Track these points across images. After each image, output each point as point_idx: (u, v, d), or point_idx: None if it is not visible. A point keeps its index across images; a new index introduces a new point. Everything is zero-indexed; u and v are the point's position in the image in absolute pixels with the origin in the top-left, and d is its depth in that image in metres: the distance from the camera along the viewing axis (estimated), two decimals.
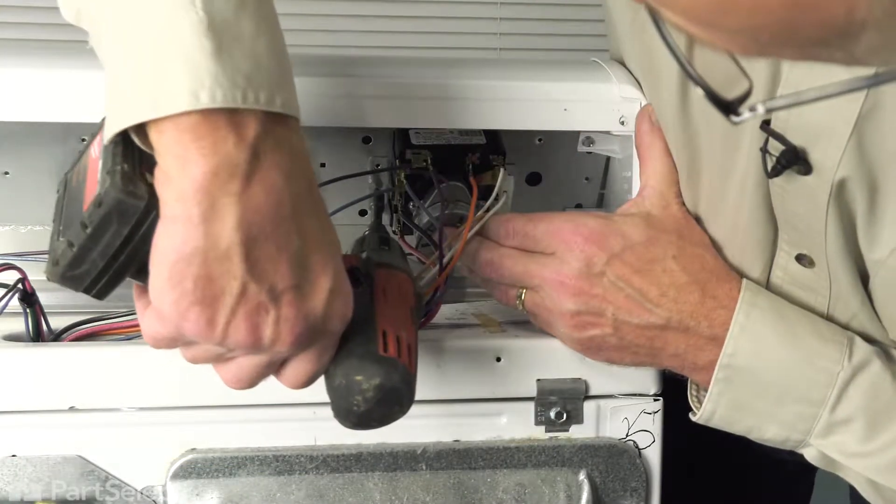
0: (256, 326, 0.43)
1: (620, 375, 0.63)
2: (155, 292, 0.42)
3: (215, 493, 0.59)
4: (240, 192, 0.41)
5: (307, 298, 0.44)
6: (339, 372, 0.49)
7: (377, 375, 0.48)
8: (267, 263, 0.42)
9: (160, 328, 0.44)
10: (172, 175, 0.40)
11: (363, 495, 0.61)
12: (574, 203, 0.77)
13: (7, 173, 0.68)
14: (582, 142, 0.68)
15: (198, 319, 0.42)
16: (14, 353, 0.58)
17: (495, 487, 0.62)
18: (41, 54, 0.65)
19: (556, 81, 0.65)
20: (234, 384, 0.48)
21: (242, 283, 0.42)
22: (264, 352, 0.45)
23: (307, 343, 0.46)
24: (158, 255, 0.42)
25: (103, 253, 0.43)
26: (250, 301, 0.42)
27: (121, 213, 0.42)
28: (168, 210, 0.41)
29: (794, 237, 0.57)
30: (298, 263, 0.44)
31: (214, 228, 0.41)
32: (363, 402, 0.48)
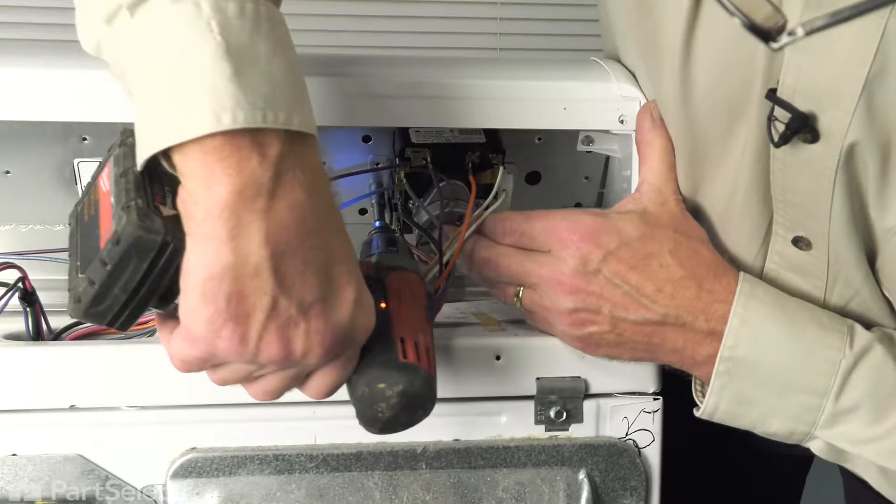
0: (288, 340, 0.45)
1: (620, 374, 0.63)
2: (187, 312, 0.43)
3: (215, 492, 0.60)
4: (265, 209, 0.42)
5: (334, 310, 0.46)
6: (362, 381, 0.50)
7: (399, 382, 0.50)
8: (295, 277, 0.44)
9: (191, 350, 0.45)
10: (199, 196, 0.42)
11: (363, 494, 0.61)
12: (573, 202, 0.77)
13: (8, 172, 0.68)
14: (581, 141, 0.68)
15: (231, 336, 0.43)
16: (14, 352, 0.58)
17: (495, 487, 0.62)
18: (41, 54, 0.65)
19: (555, 80, 0.65)
20: (262, 398, 0.49)
21: (273, 297, 0.43)
22: (294, 365, 0.47)
23: (335, 354, 0.47)
24: (189, 275, 0.43)
25: (124, 288, 0.44)
26: (281, 315, 0.44)
27: (139, 248, 0.43)
28: (196, 229, 0.42)
29: (791, 218, 0.56)
30: (324, 276, 0.45)
31: (243, 245, 0.42)
32: (387, 409, 0.50)
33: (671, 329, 0.57)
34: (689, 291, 0.57)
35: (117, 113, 0.59)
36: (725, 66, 0.55)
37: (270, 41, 0.44)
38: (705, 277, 0.58)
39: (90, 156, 0.66)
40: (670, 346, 0.58)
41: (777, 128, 0.52)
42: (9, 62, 0.60)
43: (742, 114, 0.55)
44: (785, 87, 0.51)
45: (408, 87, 0.62)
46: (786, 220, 0.57)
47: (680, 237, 0.59)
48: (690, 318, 0.57)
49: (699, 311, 0.57)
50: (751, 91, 0.54)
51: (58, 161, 0.67)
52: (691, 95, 0.58)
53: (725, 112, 0.56)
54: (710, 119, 0.58)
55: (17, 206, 0.69)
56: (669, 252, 0.58)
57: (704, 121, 0.58)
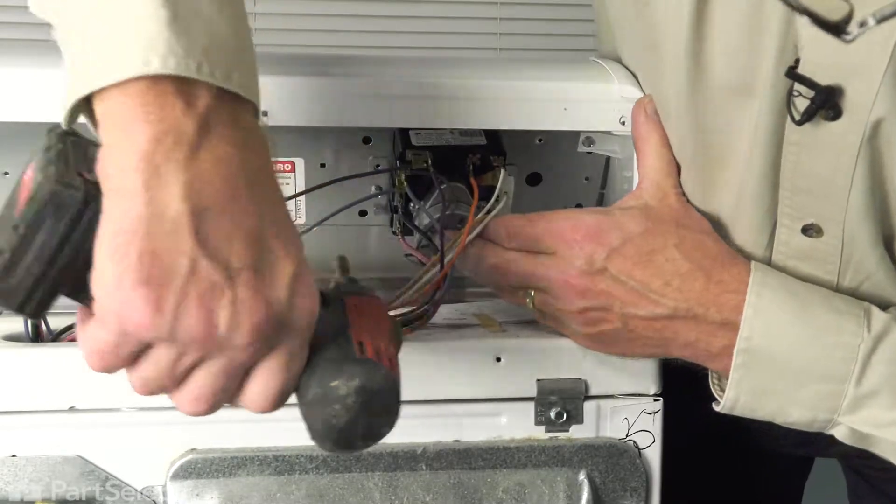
0: (210, 312, 0.38)
1: (621, 376, 0.63)
2: (97, 278, 0.38)
3: (215, 493, 0.59)
4: (186, 159, 0.38)
5: (267, 283, 0.40)
6: (313, 381, 0.43)
7: (356, 376, 0.42)
8: (220, 240, 0.39)
9: (102, 332, 0.39)
10: (114, 145, 0.38)
11: (363, 495, 0.61)
12: (574, 203, 0.77)
13: (7, 173, 0.68)
14: (582, 142, 0.68)
15: (144, 302, 0.37)
16: (14, 353, 0.58)
17: (495, 487, 0.62)
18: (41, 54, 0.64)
19: (556, 81, 0.65)
20: (193, 407, 0.42)
21: (192, 259, 0.38)
22: (221, 348, 0.40)
23: (270, 338, 0.41)
24: (100, 234, 0.38)
25: (38, 256, 0.39)
26: (202, 280, 0.38)
27: (56, 205, 0.38)
28: (110, 183, 0.38)
29: (800, 206, 0.56)
30: (256, 244, 0.40)
31: (159, 196, 0.37)
32: (343, 412, 0.42)
33: (682, 322, 0.57)
34: (698, 283, 0.57)
35: None
36: (735, 50, 0.54)
37: (217, 5, 0.41)
38: (713, 268, 0.57)
39: None
40: (683, 339, 0.57)
41: (797, 106, 0.51)
42: (9, 62, 0.60)
43: (751, 98, 0.55)
44: (806, 62, 0.50)
45: (408, 88, 0.62)
46: (793, 209, 0.56)
47: (683, 230, 0.59)
48: (702, 311, 0.56)
49: (710, 302, 0.56)
50: (759, 73, 0.54)
51: None
52: (699, 84, 0.57)
53: (734, 98, 0.56)
54: (718, 107, 0.57)
55: None
56: (674, 245, 0.58)
57: (712, 109, 0.58)
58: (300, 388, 0.43)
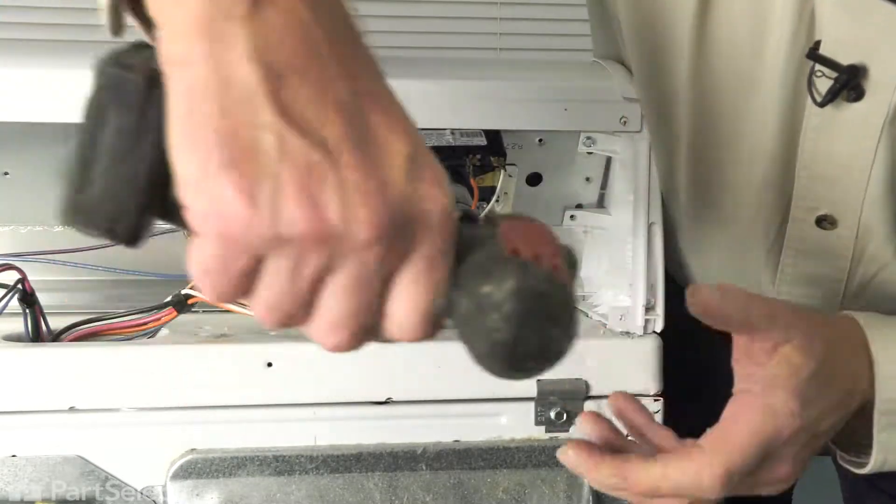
0: (314, 199, 0.31)
1: (621, 376, 0.63)
2: (178, 177, 0.32)
3: (215, 493, 0.59)
4: (247, 14, 0.31)
5: (377, 163, 0.32)
6: (462, 294, 0.35)
7: (509, 276, 0.35)
8: (307, 109, 0.32)
9: (203, 248, 0.32)
10: (167, 14, 0.32)
11: (363, 495, 0.61)
12: (575, 203, 0.76)
13: (7, 173, 0.67)
14: (583, 142, 0.68)
15: (235, 190, 0.31)
16: (14, 353, 0.58)
17: (495, 487, 0.62)
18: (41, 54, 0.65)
19: (556, 81, 0.65)
20: (333, 335, 0.35)
21: (277, 133, 0.31)
22: (342, 249, 0.32)
23: (399, 236, 0.33)
24: (170, 123, 0.32)
25: (111, 153, 0.33)
26: (295, 159, 0.31)
27: (116, 90, 0.33)
28: (167, 58, 0.32)
29: (816, 194, 0.55)
30: (353, 114, 0.33)
31: (223, 59, 0.31)
32: (502, 322, 0.34)
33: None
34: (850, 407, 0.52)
35: None
36: (742, 36, 0.54)
37: None
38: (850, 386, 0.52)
39: None
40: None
41: (818, 87, 0.51)
42: (9, 62, 0.60)
43: (759, 84, 0.54)
44: (828, 42, 0.50)
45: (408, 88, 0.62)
46: (807, 199, 0.55)
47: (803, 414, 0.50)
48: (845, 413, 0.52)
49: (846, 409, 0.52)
50: (768, 58, 0.53)
51: (57, 162, 0.67)
52: (703, 71, 0.56)
53: (740, 84, 0.55)
54: (723, 95, 0.56)
55: (16, 208, 0.69)
56: (821, 413, 0.51)
57: (717, 98, 0.57)
58: (450, 306, 0.36)
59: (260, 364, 0.59)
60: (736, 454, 0.47)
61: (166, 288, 0.63)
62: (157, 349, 0.59)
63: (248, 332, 0.64)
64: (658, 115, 0.65)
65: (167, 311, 0.61)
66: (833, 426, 0.51)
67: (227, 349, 0.60)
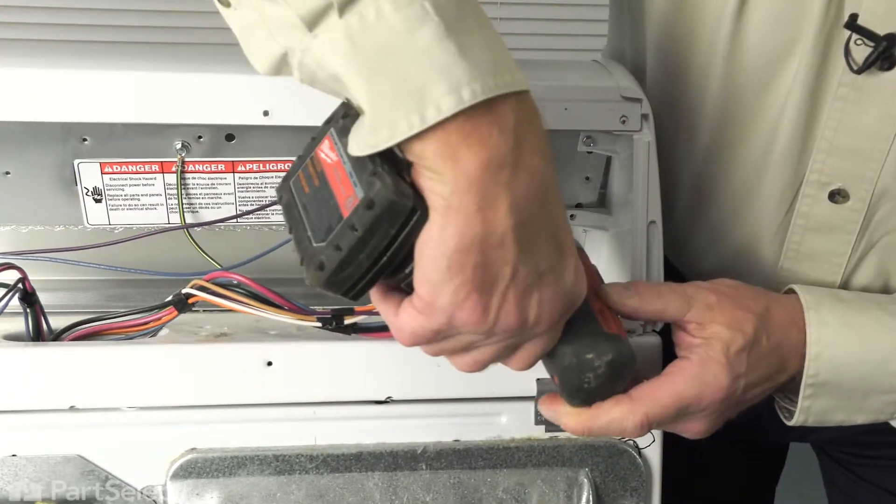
0: (523, 310, 0.45)
1: None
2: (429, 284, 0.43)
3: (215, 493, 0.59)
4: (509, 180, 0.42)
5: (561, 277, 0.46)
6: (569, 351, 0.51)
7: (609, 352, 0.51)
8: (532, 245, 0.44)
9: (426, 322, 0.45)
10: (444, 173, 0.41)
11: (363, 495, 0.61)
12: (575, 202, 0.76)
13: (7, 173, 0.68)
14: (582, 141, 0.68)
15: (475, 307, 0.44)
16: (14, 353, 0.58)
17: (495, 487, 0.62)
18: (41, 54, 0.65)
19: (556, 81, 0.65)
20: (470, 368, 0.50)
21: (514, 266, 0.43)
22: (521, 335, 0.47)
23: (559, 322, 0.48)
24: (436, 247, 0.43)
25: (370, 254, 0.44)
26: (520, 284, 0.44)
27: (392, 213, 0.43)
28: (443, 203, 0.42)
29: (833, 168, 0.58)
30: (555, 243, 0.45)
31: (490, 216, 0.42)
32: (594, 379, 0.52)
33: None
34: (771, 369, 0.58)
35: (117, 114, 0.60)
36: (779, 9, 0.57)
37: (472, 6, 0.44)
38: (785, 358, 0.58)
39: (90, 156, 0.66)
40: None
41: (854, 57, 0.54)
42: (9, 62, 0.60)
43: (790, 57, 0.57)
44: (866, 12, 0.53)
45: None
46: (822, 173, 0.58)
47: (737, 370, 0.57)
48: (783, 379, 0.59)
49: (783, 373, 0.58)
50: (802, 31, 0.56)
51: (58, 162, 0.67)
52: (737, 46, 0.59)
53: (772, 58, 0.58)
54: (755, 68, 0.59)
55: (17, 207, 0.69)
56: (747, 386, 0.57)
57: (748, 71, 0.59)
58: (555, 354, 0.51)
59: (260, 363, 0.59)
60: (657, 408, 0.54)
61: (166, 287, 0.63)
62: (157, 349, 0.59)
63: (248, 331, 0.64)
64: (680, 91, 0.67)
65: (168, 310, 0.61)
66: (757, 396, 0.58)
67: (227, 349, 0.60)
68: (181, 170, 0.66)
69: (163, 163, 0.66)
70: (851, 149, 0.57)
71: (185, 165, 0.66)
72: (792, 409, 0.61)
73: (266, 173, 0.68)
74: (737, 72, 0.61)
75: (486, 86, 0.41)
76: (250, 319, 0.62)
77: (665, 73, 0.68)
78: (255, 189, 0.68)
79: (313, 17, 0.41)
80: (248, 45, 0.45)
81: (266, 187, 0.68)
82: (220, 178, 0.68)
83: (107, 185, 0.67)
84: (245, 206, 0.69)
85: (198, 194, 0.68)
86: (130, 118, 0.60)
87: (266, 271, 0.64)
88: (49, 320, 0.64)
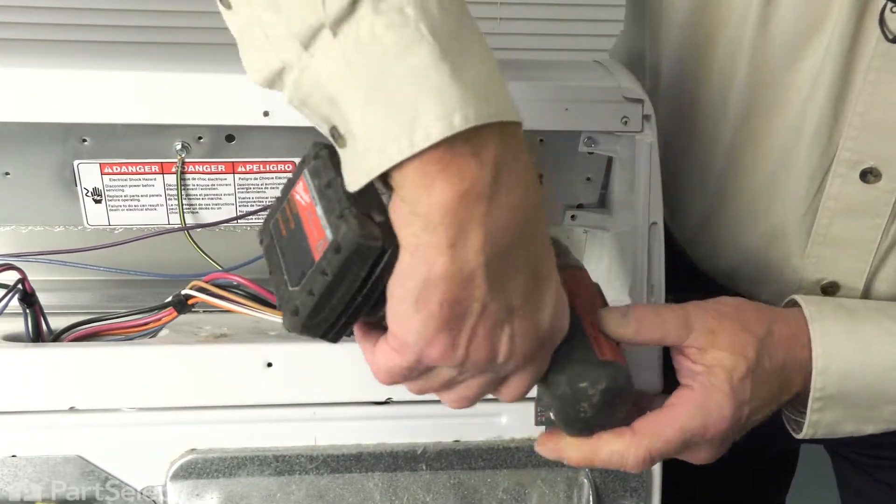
0: (493, 345, 0.44)
1: None
2: (398, 320, 0.43)
3: (215, 493, 0.59)
4: (485, 213, 0.40)
5: (537, 311, 0.45)
6: (562, 381, 0.50)
7: (603, 380, 0.49)
8: (505, 281, 0.42)
9: (399, 359, 0.44)
10: (418, 205, 0.40)
11: (363, 495, 0.61)
12: (576, 203, 0.76)
13: (7, 174, 0.67)
14: (583, 142, 0.68)
15: (443, 342, 0.43)
16: (14, 353, 0.58)
17: (495, 487, 0.62)
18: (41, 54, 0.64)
19: (557, 81, 0.65)
20: (459, 405, 0.49)
21: (483, 303, 0.42)
22: (495, 370, 0.46)
23: (534, 357, 0.47)
24: (404, 283, 0.42)
25: (342, 298, 0.43)
26: (489, 320, 0.43)
27: (361, 256, 0.42)
28: (414, 239, 0.41)
29: (865, 145, 0.56)
30: (531, 278, 0.44)
31: (461, 253, 0.40)
32: (590, 408, 0.50)
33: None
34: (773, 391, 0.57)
35: (117, 114, 0.59)
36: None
37: (469, 29, 0.41)
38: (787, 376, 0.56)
39: (90, 157, 0.66)
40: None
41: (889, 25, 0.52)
42: (9, 62, 0.60)
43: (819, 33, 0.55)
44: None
45: None
46: (854, 151, 0.56)
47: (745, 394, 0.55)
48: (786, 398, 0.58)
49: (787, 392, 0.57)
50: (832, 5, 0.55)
51: (58, 162, 0.67)
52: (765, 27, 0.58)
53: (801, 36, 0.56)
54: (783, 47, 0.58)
55: (16, 208, 0.69)
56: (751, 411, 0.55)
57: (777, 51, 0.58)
58: (549, 383, 0.50)
59: (260, 364, 0.59)
60: (659, 442, 0.53)
61: (166, 288, 0.63)
62: (157, 349, 0.59)
63: (248, 332, 0.64)
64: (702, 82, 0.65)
65: (167, 311, 0.61)
66: (760, 418, 0.56)
67: (227, 349, 0.60)
68: (181, 170, 0.66)
69: (163, 163, 0.66)
70: (885, 124, 0.55)
71: (185, 166, 0.66)
72: (800, 422, 0.59)
73: (266, 174, 0.68)
74: (764, 52, 0.59)
75: (478, 112, 0.39)
76: (250, 320, 0.62)
77: (685, 66, 0.67)
78: (256, 190, 0.68)
79: (308, 34, 0.40)
80: (246, 52, 0.44)
81: (266, 188, 0.68)
82: (220, 178, 0.68)
83: (107, 185, 0.67)
84: (245, 206, 0.68)
85: (198, 195, 0.68)
86: (130, 118, 0.60)
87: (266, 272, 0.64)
88: (49, 321, 0.64)
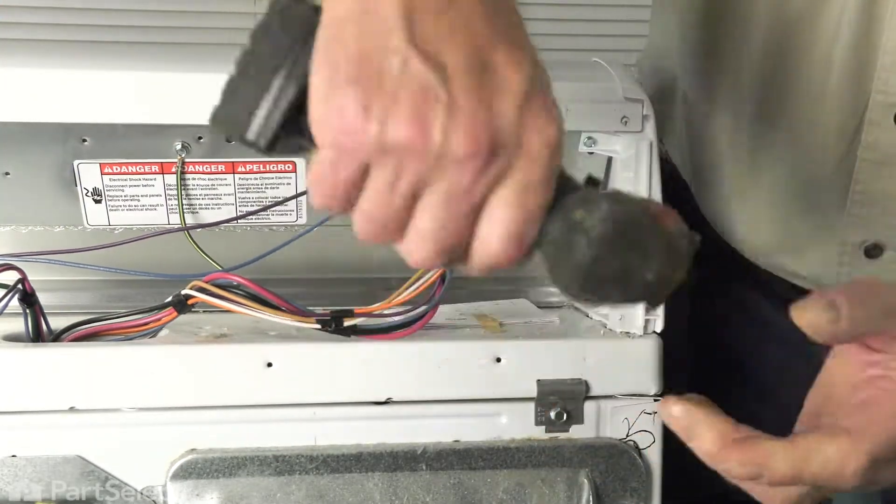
0: (423, 116, 0.35)
1: (621, 377, 0.63)
2: (313, 101, 0.36)
3: (215, 493, 0.59)
4: None
5: (492, 93, 0.35)
6: (557, 219, 0.37)
7: (603, 202, 0.37)
8: (435, 41, 0.35)
9: (320, 154, 0.36)
10: None
11: (363, 495, 0.61)
12: None
13: (7, 173, 0.68)
14: (583, 142, 0.68)
15: (353, 103, 0.34)
16: (14, 353, 0.58)
17: (495, 487, 0.62)
18: (41, 54, 0.65)
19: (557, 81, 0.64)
20: (422, 248, 0.37)
21: (403, 58, 0.34)
22: (440, 164, 0.35)
23: (497, 160, 0.36)
24: (318, 53, 0.36)
25: (260, 68, 0.36)
26: (413, 80, 0.34)
27: (284, 16, 0.36)
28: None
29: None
30: (478, 49, 0.35)
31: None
32: (587, 247, 0.36)
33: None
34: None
35: (117, 114, 0.59)
36: None
37: None
38: None
39: (90, 157, 0.66)
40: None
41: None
42: (9, 62, 0.60)
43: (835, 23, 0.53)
44: None
45: None
46: (889, 94, 0.53)
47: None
48: None
49: None
50: None
51: (58, 162, 0.67)
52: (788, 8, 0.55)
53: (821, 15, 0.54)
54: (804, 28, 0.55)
55: (16, 208, 0.69)
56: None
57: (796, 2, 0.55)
58: (543, 235, 0.37)
59: (260, 364, 0.59)
60: (881, 438, 0.40)
61: (166, 288, 0.63)
62: (157, 349, 0.59)
63: (248, 332, 0.64)
64: (724, 29, 0.63)
65: (167, 311, 0.61)
66: None
67: (227, 349, 0.60)
68: (181, 170, 0.66)
69: (163, 163, 0.66)
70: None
71: (185, 166, 0.66)
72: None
73: (266, 174, 0.68)
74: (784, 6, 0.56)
75: None
76: (250, 320, 0.62)
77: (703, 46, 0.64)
78: (256, 190, 0.68)
79: None
80: None
81: (266, 188, 0.68)
82: (220, 178, 0.68)
83: (107, 185, 0.67)
84: (245, 206, 0.69)
85: (198, 195, 0.68)
86: (130, 118, 0.60)
87: (266, 272, 0.64)
88: (49, 321, 0.64)
